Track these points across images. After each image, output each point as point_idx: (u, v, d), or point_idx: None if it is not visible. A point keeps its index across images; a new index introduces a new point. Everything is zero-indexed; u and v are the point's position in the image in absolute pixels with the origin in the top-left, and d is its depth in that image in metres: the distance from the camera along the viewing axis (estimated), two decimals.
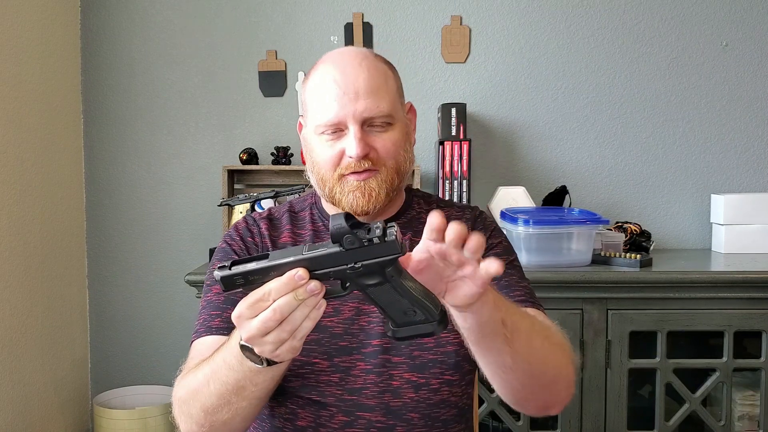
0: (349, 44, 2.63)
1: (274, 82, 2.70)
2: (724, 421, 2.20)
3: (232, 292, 0.90)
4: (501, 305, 0.97)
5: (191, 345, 1.19)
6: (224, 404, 1.02)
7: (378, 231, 0.85)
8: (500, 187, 2.52)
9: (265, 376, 0.98)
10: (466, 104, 2.54)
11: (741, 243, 2.50)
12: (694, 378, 2.25)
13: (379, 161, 1.17)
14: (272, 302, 0.86)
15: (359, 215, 1.16)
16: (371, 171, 1.16)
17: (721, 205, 2.53)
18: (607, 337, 2.16)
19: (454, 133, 2.50)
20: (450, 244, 0.84)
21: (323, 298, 0.88)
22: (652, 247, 2.43)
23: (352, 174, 1.16)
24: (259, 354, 0.92)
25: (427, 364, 1.18)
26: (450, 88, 2.69)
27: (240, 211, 2.39)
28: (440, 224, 0.85)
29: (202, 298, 1.23)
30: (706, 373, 2.22)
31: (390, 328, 0.91)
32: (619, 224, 2.48)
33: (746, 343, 2.32)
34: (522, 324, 1.02)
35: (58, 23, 2.56)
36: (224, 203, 2.46)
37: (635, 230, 2.44)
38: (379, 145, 1.17)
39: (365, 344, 1.17)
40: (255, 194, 2.40)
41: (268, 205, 2.35)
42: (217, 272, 0.89)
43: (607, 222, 2.28)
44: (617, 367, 2.16)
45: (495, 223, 1.32)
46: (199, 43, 2.70)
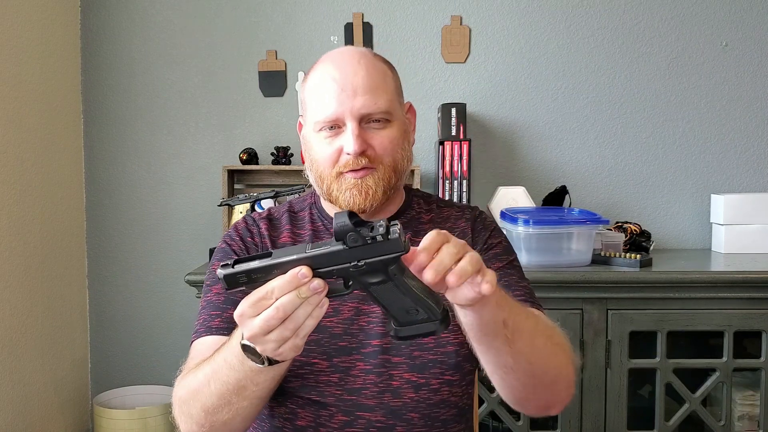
0: (349, 44, 2.63)
1: (274, 82, 2.69)
2: (724, 421, 2.20)
3: (234, 290, 0.89)
4: (504, 305, 0.97)
5: (191, 345, 1.18)
6: (225, 404, 1.02)
7: (381, 229, 0.85)
8: (500, 187, 2.52)
9: (266, 375, 0.98)
10: (466, 104, 2.54)
11: (741, 243, 2.50)
12: (694, 378, 2.25)
13: (377, 159, 1.17)
14: (275, 300, 0.86)
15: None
16: (368, 169, 1.16)
17: (721, 205, 2.53)
18: (607, 337, 2.16)
19: (454, 133, 2.50)
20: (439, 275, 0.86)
21: (326, 297, 0.88)
22: (652, 247, 2.43)
23: (350, 172, 1.17)
24: (261, 353, 0.92)
25: (427, 364, 1.18)
26: (450, 88, 2.69)
27: (240, 211, 2.39)
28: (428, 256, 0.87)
29: (202, 298, 1.23)
30: (706, 373, 2.22)
31: (392, 327, 0.91)
32: (619, 224, 2.48)
33: (746, 343, 2.32)
34: (525, 324, 1.02)
35: (58, 23, 2.56)
36: (224, 203, 2.46)
37: (635, 230, 2.44)
38: (377, 142, 1.17)
39: (365, 344, 1.17)
40: (255, 194, 2.40)
41: (268, 205, 2.35)
42: (220, 270, 0.88)
43: (607, 222, 2.28)
44: (617, 367, 2.16)
45: (495, 223, 1.32)
46: (199, 43, 2.70)
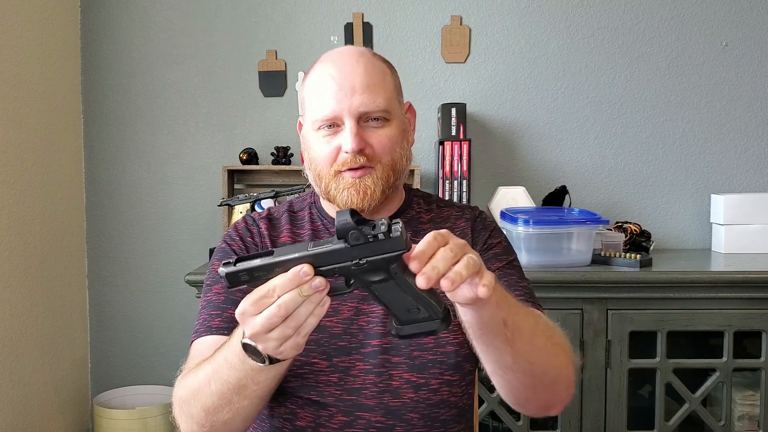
0: (348, 44, 2.63)
1: (274, 82, 2.69)
2: (724, 421, 2.20)
3: (236, 288, 0.90)
4: (504, 305, 0.97)
5: (191, 345, 1.18)
6: (225, 403, 1.02)
7: (383, 227, 0.85)
8: (500, 187, 2.52)
9: (267, 374, 0.98)
10: (466, 104, 2.54)
11: (741, 243, 2.50)
12: (694, 378, 2.25)
13: (375, 157, 1.17)
14: (277, 298, 0.86)
15: None
16: (367, 168, 1.16)
17: (721, 205, 2.53)
18: (607, 337, 2.16)
19: (454, 133, 2.50)
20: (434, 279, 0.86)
21: (327, 295, 0.88)
22: (652, 247, 2.43)
23: (348, 171, 1.16)
24: (262, 351, 0.92)
25: (426, 364, 1.17)
26: (450, 88, 2.69)
27: (240, 211, 2.39)
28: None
29: (201, 298, 1.23)
30: (706, 373, 2.22)
31: (393, 326, 0.91)
32: (619, 224, 2.48)
33: (746, 343, 2.32)
34: (525, 324, 1.02)
35: (58, 23, 2.56)
36: (224, 203, 2.46)
37: (635, 230, 2.44)
38: (375, 140, 1.17)
39: (364, 344, 1.17)
40: (255, 194, 2.40)
41: (268, 205, 2.35)
42: (222, 268, 0.89)
43: (607, 222, 2.28)
44: (617, 367, 2.16)
45: (495, 223, 1.32)
46: (199, 43, 2.70)
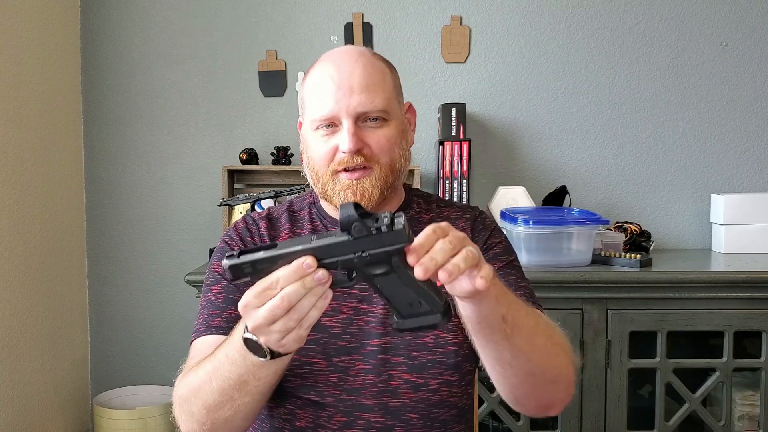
0: (348, 44, 2.63)
1: (274, 82, 2.70)
2: (724, 421, 2.20)
3: (239, 281, 0.90)
4: (503, 301, 0.97)
5: (191, 345, 1.18)
6: (226, 400, 1.02)
7: (386, 220, 0.86)
8: (500, 187, 2.52)
9: (268, 369, 0.98)
10: (466, 104, 2.54)
11: (741, 243, 2.50)
12: (694, 378, 2.25)
13: (373, 158, 1.17)
14: (280, 290, 0.87)
15: None
16: (365, 169, 1.16)
17: (721, 205, 2.53)
18: (607, 337, 2.16)
19: (454, 133, 2.50)
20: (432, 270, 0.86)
21: (330, 289, 0.89)
22: (652, 247, 2.43)
23: (344, 171, 1.16)
24: (264, 344, 0.92)
25: (426, 364, 1.17)
26: (450, 88, 2.69)
27: (240, 211, 2.39)
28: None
29: (201, 297, 1.23)
30: (706, 373, 2.22)
31: (395, 320, 0.92)
32: (619, 224, 2.48)
33: (746, 343, 2.32)
34: (524, 321, 1.02)
35: (58, 23, 2.56)
36: (224, 203, 2.46)
37: (635, 230, 2.44)
38: (373, 141, 1.17)
39: (364, 344, 1.17)
40: (255, 194, 2.40)
41: (268, 205, 2.35)
42: (225, 261, 0.89)
43: (607, 222, 2.28)
44: (617, 367, 2.16)
45: (495, 223, 1.32)
46: (199, 43, 2.70)
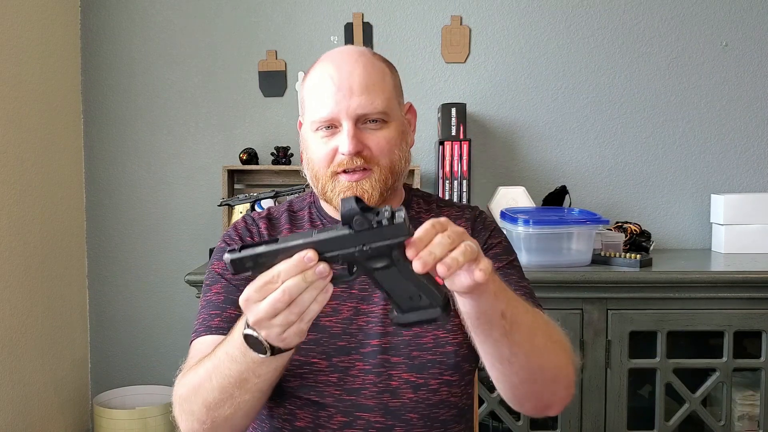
0: (349, 44, 2.63)
1: (274, 82, 2.70)
2: (724, 421, 2.20)
3: (240, 275, 0.91)
4: (502, 297, 0.97)
5: (190, 345, 1.18)
6: (227, 398, 1.01)
7: (387, 213, 0.87)
8: (500, 187, 2.52)
9: (268, 366, 0.98)
10: (466, 104, 2.54)
11: (741, 243, 2.50)
12: (694, 378, 2.25)
13: (373, 159, 1.17)
14: (281, 284, 0.87)
15: None
16: (365, 171, 1.16)
17: (721, 205, 2.53)
18: (607, 337, 2.16)
19: (454, 133, 2.50)
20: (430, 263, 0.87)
21: (330, 283, 0.89)
22: (652, 247, 2.43)
23: (343, 173, 1.16)
24: (265, 338, 0.92)
25: (426, 364, 1.17)
26: (450, 88, 2.69)
27: (240, 211, 2.39)
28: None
29: (201, 297, 1.23)
30: (706, 373, 2.22)
31: (394, 315, 0.92)
32: (619, 224, 2.48)
33: (746, 343, 2.32)
34: (523, 318, 1.02)
35: (58, 23, 2.56)
36: (224, 203, 2.46)
37: (635, 230, 2.44)
38: (373, 143, 1.16)
39: (364, 344, 1.17)
40: (255, 194, 2.40)
41: (268, 205, 2.35)
42: (227, 255, 0.90)
43: (607, 222, 2.28)
44: (617, 367, 2.16)
45: (495, 223, 1.32)
46: (199, 43, 2.70)
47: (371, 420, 1.16)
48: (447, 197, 2.47)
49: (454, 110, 2.50)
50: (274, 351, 0.94)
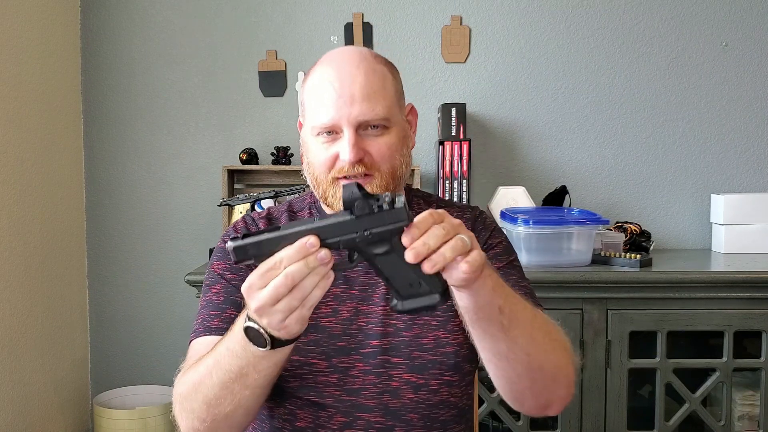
0: (349, 44, 2.63)
1: (274, 82, 2.70)
2: (724, 421, 2.20)
3: (242, 263, 0.92)
4: (500, 292, 0.98)
5: (189, 345, 1.18)
6: (227, 394, 1.02)
7: (387, 198, 0.89)
8: (500, 187, 2.52)
9: (269, 361, 0.98)
10: (466, 104, 2.54)
11: (741, 243, 2.50)
12: (694, 378, 2.25)
13: (374, 166, 1.16)
14: (283, 269, 0.88)
15: None
16: (366, 177, 1.16)
17: (721, 205, 2.53)
18: (607, 337, 2.16)
19: (454, 133, 2.50)
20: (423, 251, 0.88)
21: (332, 270, 0.90)
22: (652, 247, 2.43)
23: (344, 179, 1.16)
24: (266, 327, 0.92)
25: (426, 364, 1.17)
26: (450, 88, 2.69)
27: (240, 211, 2.39)
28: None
29: (201, 298, 1.23)
30: (706, 373, 2.22)
31: (394, 302, 0.93)
32: (619, 224, 2.48)
33: (746, 343, 2.32)
34: (522, 315, 1.02)
35: (58, 23, 2.56)
36: (224, 203, 2.46)
37: (635, 230, 2.44)
38: (374, 149, 1.16)
39: (364, 345, 1.17)
40: (255, 194, 2.40)
41: (268, 205, 2.35)
42: (230, 243, 0.91)
43: (607, 222, 2.28)
44: (617, 367, 2.16)
45: (495, 223, 1.32)
46: (199, 43, 2.70)
47: (371, 420, 1.16)
48: (447, 197, 2.47)
49: (454, 110, 2.50)
50: (275, 344, 0.94)
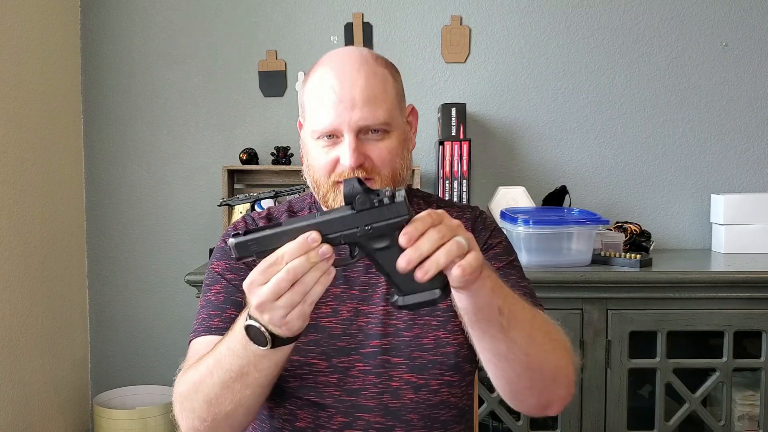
0: (349, 44, 2.63)
1: (274, 82, 2.70)
2: (724, 421, 2.20)
3: (244, 259, 0.92)
4: (499, 293, 0.97)
5: (189, 345, 1.18)
6: (228, 393, 1.02)
7: (387, 193, 0.89)
8: (500, 187, 2.52)
9: (269, 360, 0.98)
10: (466, 104, 2.54)
11: (741, 243, 2.50)
12: (694, 378, 2.25)
13: (374, 170, 1.15)
14: (285, 265, 0.88)
15: None
16: (367, 180, 1.15)
17: (721, 205, 2.53)
18: (607, 337, 2.16)
19: (454, 133, 2.50)
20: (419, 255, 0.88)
21: (333, 266, 0.90)
22: (652, 247, 2.43)
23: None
24: (267, 323, 0.92)
25: (426, 365, 1.17)
26: (450, 88, 2.69)
27: (240, 211, 2.39)
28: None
29: (201, 297, 1.23)
30: (706, 373, 2.22)
31: (395, 298, 0.93)
32: (619, 224, 2.48)
33: (746, 343, 2.32)
34: (521, 315, 1.02)
35: (58, 23, 2.56)
36: (224, 203, 2.46)
37: (635, 230, 2.44)
38: (375, 154, 1.15)
39: (364, 345, 1.17)
40: (255, 194, 2.40)
41: (268, 205, 2.35)
42: (231, 239, 0.91)
43: (607, 222, 2.28)
44: (617, 367, 2.16)
45: (495, 223, 1.32)
46: (199, 43, 2.70)
47: (371, 420, 1.16)
48: (447, 197, 2.47)
49: (454, 110, 2.50)
50: (275, 343, 0.94)
